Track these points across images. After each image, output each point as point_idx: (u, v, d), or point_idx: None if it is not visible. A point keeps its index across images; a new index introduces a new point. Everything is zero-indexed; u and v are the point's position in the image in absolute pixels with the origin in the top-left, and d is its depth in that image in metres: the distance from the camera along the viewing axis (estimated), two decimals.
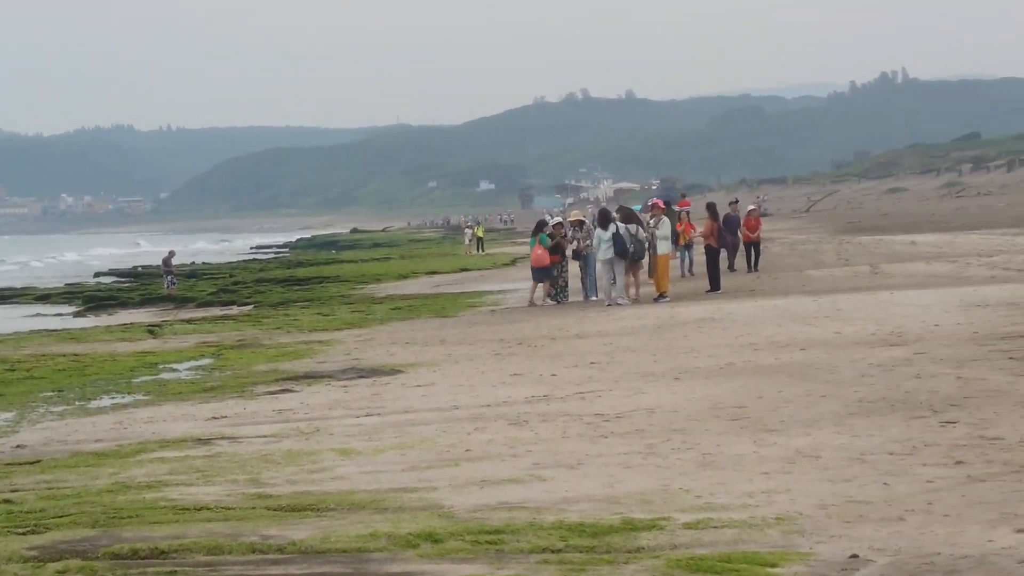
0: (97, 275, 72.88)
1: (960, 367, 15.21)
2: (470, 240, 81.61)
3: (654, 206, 33.01)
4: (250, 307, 40.34)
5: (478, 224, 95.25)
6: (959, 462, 10.21)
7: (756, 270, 37.04)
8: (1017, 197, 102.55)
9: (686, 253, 38.08)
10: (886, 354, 16.88)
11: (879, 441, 11.20)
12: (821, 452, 10.92)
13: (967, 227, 57.70)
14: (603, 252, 30.13)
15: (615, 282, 30.00)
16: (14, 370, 23.15)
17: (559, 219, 36.20)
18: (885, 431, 11.65)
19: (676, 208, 41.06)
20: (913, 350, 17.08)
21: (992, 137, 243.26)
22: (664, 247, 30.57)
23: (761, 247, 39.01)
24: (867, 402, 13.26)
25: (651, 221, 31.60)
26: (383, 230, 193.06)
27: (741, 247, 37.76)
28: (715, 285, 31.59)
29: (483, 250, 76.75)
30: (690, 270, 37.59)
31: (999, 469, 9.90)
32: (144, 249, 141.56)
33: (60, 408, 18.17)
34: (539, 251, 32.35)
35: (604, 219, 31.03)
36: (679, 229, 37.58)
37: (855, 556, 7.77)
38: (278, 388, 18.61)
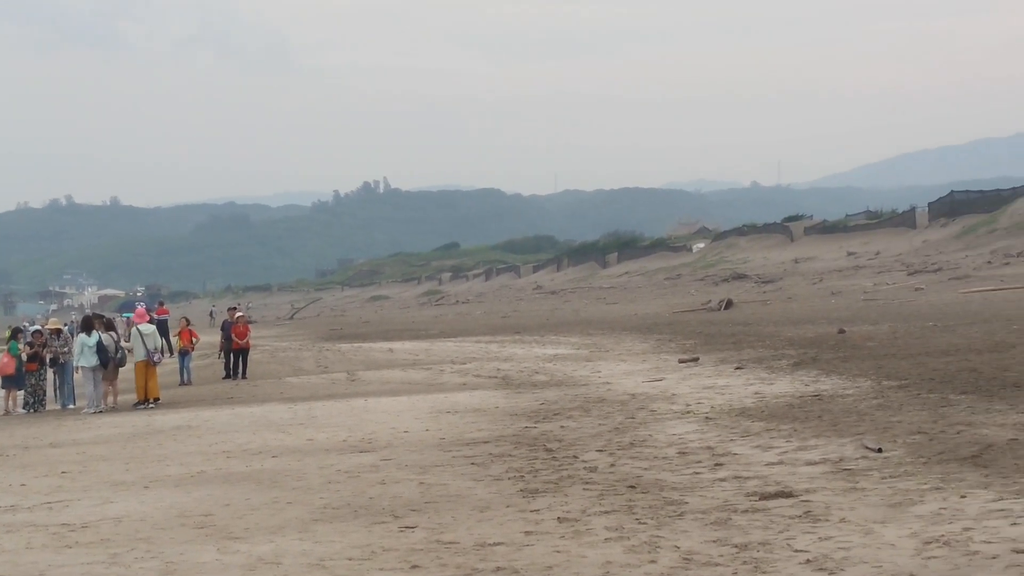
0: None
1: (424, 473, 15.69)
2: None
3: (138, 314, 32.82)
4: None
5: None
6: (415, 566, 10.52)
7: (244, 377, 37.06)
8: (493, 305, 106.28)
9: (184, 361, 37.60)
10: (355, 460, 17.23)
11: (339, 547, 11.42)
12: (282, 559, 11.04)
13: (444, 335, 59.33)
14: (85, 359, 29.70)
15: (96, 389, 29.62)
16: None
17: (38, 327, 35.35)
18: (346, 537, 11.89)
19: (155, 316, 40.74)
20: (381, 456, 17.49)
21: (470, 247, 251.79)
22: (140, 355, 30.26)
23: (249, 354, 38.99)
24: (332, 508, 13.51)
25: (129, 330, 31.37)
26: None
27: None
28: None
29: None
30: (188, 379, 37.12)
31: (452, 572, 10.27)
32: None
33: None
34: (5, 359, 31.58)
35: (87, 326, 30.64)
36: (174, 336, 37.32)
37: None
38: None
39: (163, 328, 46.99)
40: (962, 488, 12.67)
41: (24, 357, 31.54)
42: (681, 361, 32.05)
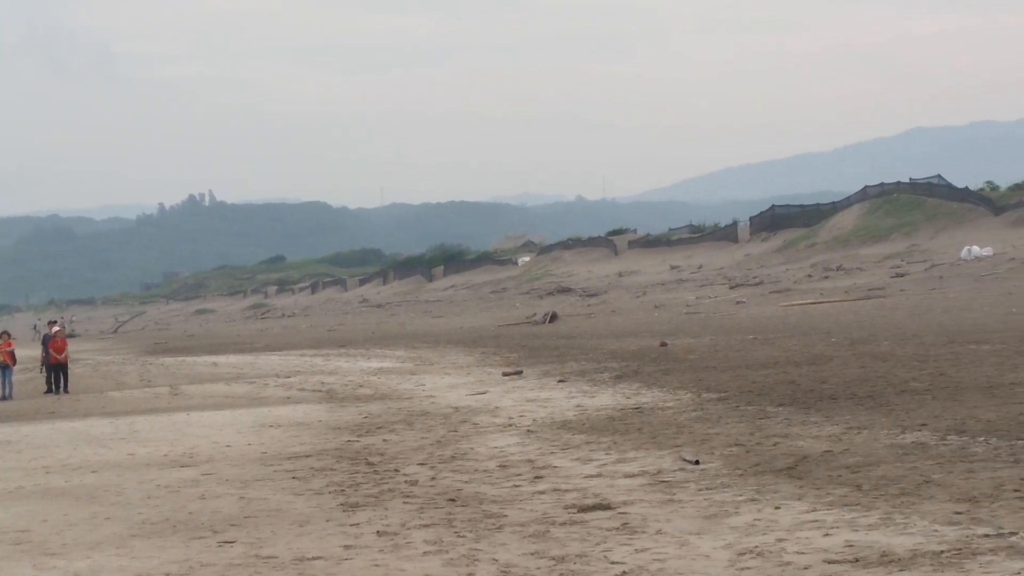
0: None
1: (244, 487, 15.64)
2: None
3: None
4: None
5: None
6: None
7: (67, 391, 36.51)
8: (319, 319, 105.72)
9: (5, 375, 36.80)
10: (175, 475, 17.11)
11: (157, 562, 11.36)
12: (99, 574, 10.97)
13: (269, 348, 58.92)
14: None
15: None
16: None
17: None
18: (164, 552, 11.82)
19: None
20: (202, 471, 17.39)
21: (297, 260, 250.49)
22: None
23: (69, 368, 38.37)
24: (151, 523, 13.42)
25: None
26: None
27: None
28: None
29: None
30: (9, 394, 36.34)
31: None
32: None
33: None
34: None
35: None
36: None
37: None
38: None
39: None
40: (777, 499, 12.96)
41: None
42: (505, 374, 32.24)
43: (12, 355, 36.96)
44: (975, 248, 74.75)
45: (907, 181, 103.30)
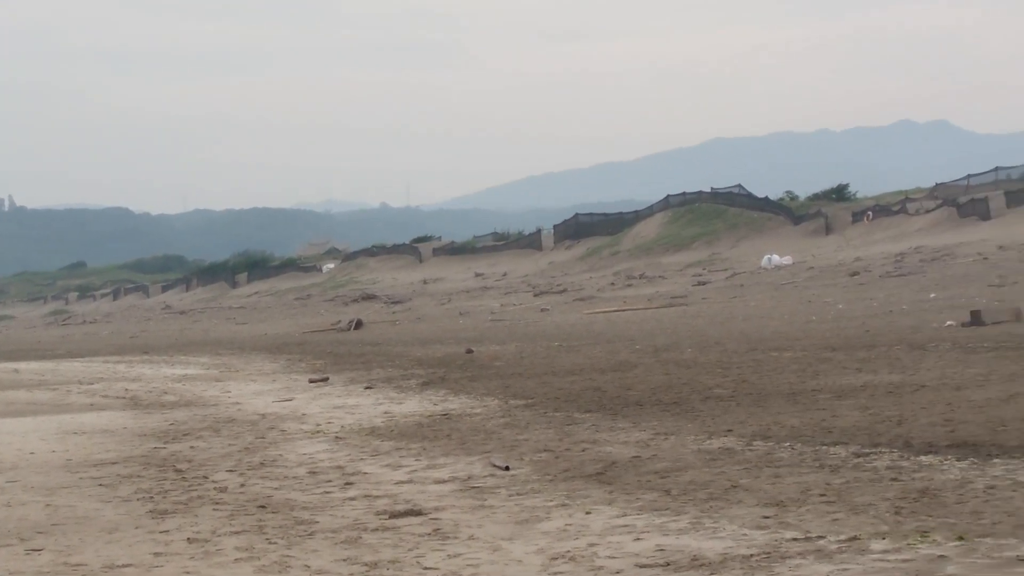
0: None
1: (51, 495, 15.39)
2: None
3: None
4: None
5: None
6: None
7: None
8: (122, 325, 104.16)
9: None
10: None
11: None
12: None
13: (71, 355, 57.91)
14: None
15: None
16: None
17: None
18: None
19: None
20: (6, 478, 17.05)
21: (97, 266, 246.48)
22: None
23: None
24: None
25: None
26: None
27: None
28: None
29: None
30: None
31: None
32: None
33: None
34: None
35: None
36: None
37: None
38: None
39: None
40: (587, 504, 13.11)
41: None
42: (311, 381, 32.09)
43: None
44: (775, 257, 76.51)
45: (708, 190, 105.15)
